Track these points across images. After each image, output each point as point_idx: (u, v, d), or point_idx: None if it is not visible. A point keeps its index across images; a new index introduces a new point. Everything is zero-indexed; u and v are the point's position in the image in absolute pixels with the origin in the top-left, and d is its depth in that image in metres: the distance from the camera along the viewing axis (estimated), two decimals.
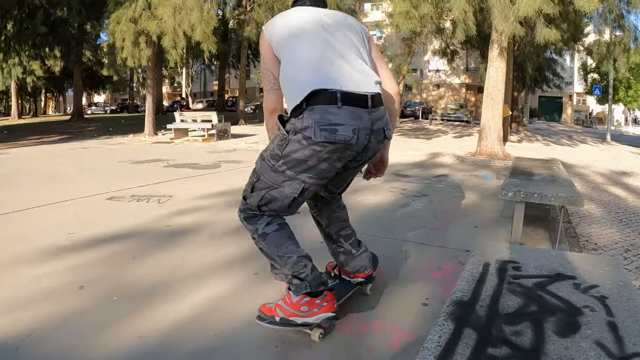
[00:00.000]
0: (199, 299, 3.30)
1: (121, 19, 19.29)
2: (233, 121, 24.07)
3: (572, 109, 60.72)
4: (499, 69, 12.87)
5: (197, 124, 19.30)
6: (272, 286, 3.49)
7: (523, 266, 2.17)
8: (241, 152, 13.65)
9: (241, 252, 4.27)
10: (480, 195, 7.47)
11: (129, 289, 3.46)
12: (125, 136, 21.77)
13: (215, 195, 6.96)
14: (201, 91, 77.56)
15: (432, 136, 21.42)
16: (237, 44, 39.24)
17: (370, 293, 3.38)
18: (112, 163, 11.35)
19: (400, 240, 4.66)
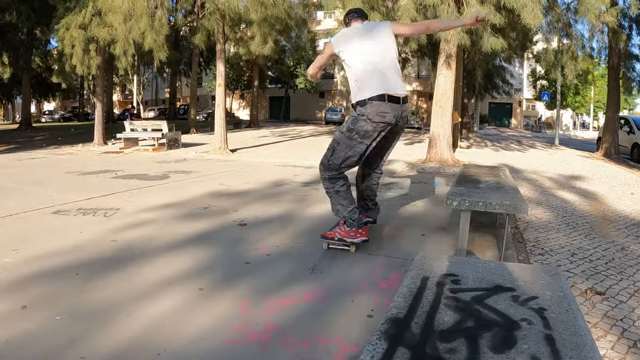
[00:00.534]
0: (144, 317, 3.23)
1: (70, 25, 18.97)
2: (184, 130, 23.90)
3: (522, 115, 61.82)
4: (448, 77, 13.03)
5: (148, 133, 19.06)
6: (217, 302, 3.45)
7: (462, 279, 2.16)
8: (191, 162, 13.51)
9: (186, 267, 4.22)
10: (429, 202, 7.53)
11: (72, 308, 3.38)
12: (74, 146, 21.40)
13: (162, 207, 6.85)
14: (153, 99, 76.80)
15: None
16: (189, 52, 39.00)
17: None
18: (60, 174, 11.11)
19: (347, 251, 4.66)
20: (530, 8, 11.16)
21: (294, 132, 29.31)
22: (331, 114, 45.58)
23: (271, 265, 4.21)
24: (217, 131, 16.59)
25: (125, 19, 15.81)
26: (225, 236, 5.22)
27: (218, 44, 16.59)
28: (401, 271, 4.09)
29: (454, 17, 11.58)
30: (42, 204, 7.14)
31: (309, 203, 7.14)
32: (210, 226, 5.64)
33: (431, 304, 1.87)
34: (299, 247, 4.81)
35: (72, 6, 19.77)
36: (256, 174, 10.56)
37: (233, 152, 16.23)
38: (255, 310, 3.31)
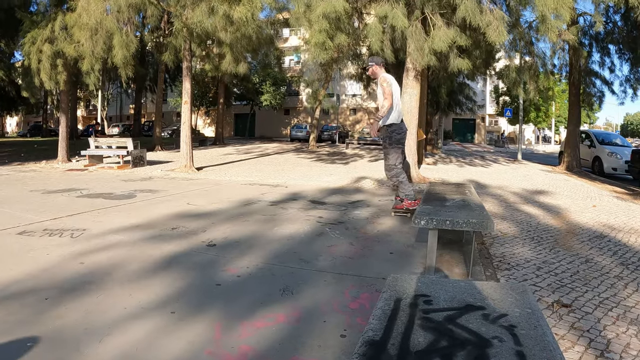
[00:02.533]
0: (117, 342, 3.20)
1: (37, 39, 18.78)
2: (149, 147, 23.73)
3: (485, 130, 62.61)
4: (413, 96, 13.16)
5: (112, 150, 18.88)
6: (190, 325, 3.44)
7: (434, 299, 2.21)
8: (157, 181, 13.39)
9: (157, 290, 4.19)
10: (395, 220, 7.59)
11: (43, 334, 3.32)
12: (37, 162, 21.09)
13: (130, 228, 6.78)
14: (117, 115, 76.20)
15: (348, 160, 21.60)
16: (155, 68, 38.79)
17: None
18: (23, 192, 10.94)
19: (317, 271, 4.68)
20: (495, 25, 11.36)
21: (259, 149, 29.26)
22: (296, 131, 45.41)
23: (242, 287, 4.20)
24: (182, 149, 16.49)
25: (91, 35, 15.70)
26: (194, 258, 5.19)
27: (185, 61, 16.54)
28: (371, 290, 4.12)
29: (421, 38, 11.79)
30: (7, 224, 7.03)
31: (277, 223, 7.13)
32: (179, 247, 5.61)
33: (405, 325, 1.91)
34: (269, 267, 4.79)
35: (39, 20, 19.59)
36: (223, 193, 10.50)
37: (199, 170, 16.13)
38: (229, 333, 3.31)
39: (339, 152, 28.23)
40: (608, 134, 24.68)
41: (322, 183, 12.35)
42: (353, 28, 14.55)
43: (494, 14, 11.55)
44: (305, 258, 5.11)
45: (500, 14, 11.56)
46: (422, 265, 4.91)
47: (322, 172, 15.90)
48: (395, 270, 4.65)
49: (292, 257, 5.15)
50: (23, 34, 20.10)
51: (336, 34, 12.61)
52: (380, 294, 3.79)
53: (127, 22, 16.29)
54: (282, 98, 52.29)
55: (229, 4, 13.50)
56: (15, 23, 26.92)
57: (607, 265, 5.30)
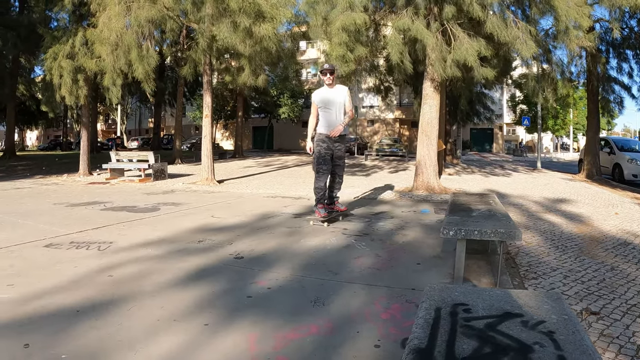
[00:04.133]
0: (152, 354, 3.22)
1: (58, 54, 19.00)
2: (169, 160, 23.89)
3: (503, 139, 62.37)
4: (433, 106, 13.15)
5: (134, 164, 19.04)
6: (224, 337, 3.45)
7: (472, 308, 2.23)
8: (179, 194, 13.47)
9: (189, 302, 4.20)
10: (420, 230, 7.57)
11: (76, 346, 3.35)
12: (59, 176, 21.30)
13: (156, 241, 6.82)
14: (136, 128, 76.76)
15: (369, 172, 21.56)
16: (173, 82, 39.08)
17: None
18: (48, 205, 11.04)
19: (346, 282, 4.68)
20: (523, 39, 11.39)
21: (279, 162, 29.31)
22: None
23: (273, 299, 4.22)
24: (204, 162, 16.58)
25: (112, 50, 15.88)
26: (223, 270, 5.21)
27: (205, 75, 16.65)
28: (401, 301, 4.12)
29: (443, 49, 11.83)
30: (33, 237, 7.11)
31: (302, 235, 7.15)
32: (208, 260, 5.63)
33: (448, 333, 1.94)
34: (298, 279, 4.80)
35: (60, 36, 19.80)
36: (246, 206, 10.52)
37: (220, 183, 16.20)
38: (264, 344, 3.31)
39: (358, 163, 28.18)
40: (627, 141, 24.55)
41: (344, 195, 12.29)
42: (370, 40, 14.60)
43: (519, 26, 11.57)
44: (333, 269, 5.12)
45: (525, 27, 11.57)
46: (450, 276, 4.90)
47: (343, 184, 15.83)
48: (424, 281, 4.64)
49: (320, 269, 5.15)
50: (44, 49, 20.37)
51: (356, 47, 12.67)
52: (410, 305, 3.87)
53: (147, 37, 16.44)
54: (300, 110, 52.37)
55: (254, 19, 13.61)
56: (36, 39, 27.33)
57: (633, 272, 5.28)
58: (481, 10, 11.35)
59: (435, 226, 7.85)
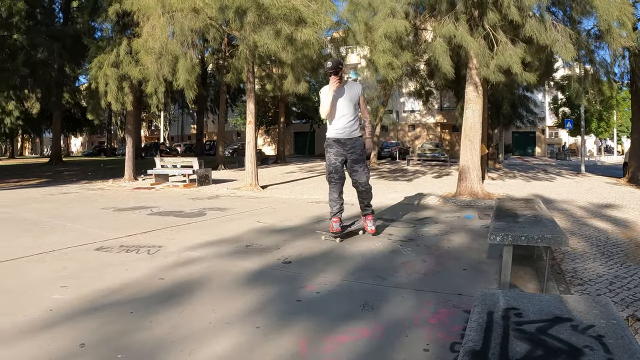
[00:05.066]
0: (206, 355, 3.29)
1: (103, 63, 19.43)
2: (212, 166, 24.11)
3: (545, 143, 61.54)
4: (476, 111, 13.10)
5: (178, 169, 19.32)
6: (276, 340, 3.51)
7: (523, 312, 2.28)
8: (224, 199, 13.62)
9: (240, 305, 4.28)
10: (464, 236, 7.56)
11: (132, 346, 3.45)
12: (105, 181, 21.68)
13: (204, 245, 6.93)
14: (179, 134, 77.69)
15: (411, 177, 21.47)
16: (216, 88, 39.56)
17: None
18: (95, 210, 11.29)
19: (393, 287, 4.72)
20: (562, 43, 11.31)
21: (320, 167, 29.33)
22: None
23: (322, 303, 4.28)
24: (247, 168, 16.73)
25: (157, 59, 16.17)
26: (272, 274, 5.28)
27: (248, 82, 16.80)
28: (449, 306, 4.14)
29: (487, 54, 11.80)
30: (84, 241, 7.30)
31: (348, 240, 7.18)
32: (256, 264, 5.71)
33: (501, 336, 1.99)
34: (347, 284, 4.85)
35: (104, 45, 20.24)
36: (291, 211, 10.59)
37: (264, 189, 16.33)
38: (315, 347, 3.37)
39: (400, 168, 28.10)
40: None
41: (388, 200, 12.34)
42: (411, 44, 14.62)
43: (558, 29, 11.48)
44: (380, 274, 5.15)
45: (564, 29, 11.48)
46: (496, 281, 4.91)
47: (386, 189, 15.88)
48: (470, 287, 4.65)
49: (367, 274, 5.19)
50: (89, 59, 20.85)
51: (400, 53, 12.71)
52: (457, 310, 3.91)
53: (190, 46, 16.70)
54: None
55: (295, 26, 13.73)
56: (81, 49, 28.08)
57: None
58: (519, 14, 11.30)
59: (479, 232, 7.84)
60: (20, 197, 15.09)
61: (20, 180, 24.18)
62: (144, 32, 16.20)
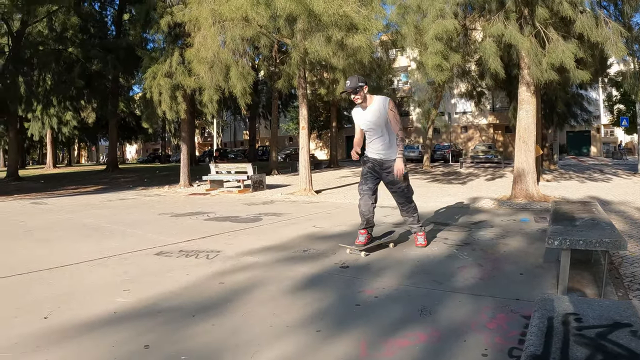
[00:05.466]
0: (266, 358, 3.36)
1: (157, 73, 19.87)
2: (266, 171, 24.33)
3: (600, 142, 60.18)
4: (529, 111, 12.94)
5: (232, 175, 19.56)
6: (336, 343, 3.56)
7: (583, 317, 2.31)
8: (279, 204, 13.77)
9: (300, 309, 4.35)
10: (521, 240, 7.48)
11: (194, 348, 3.56)
12: (160, 187, 22.12)
13: (262, 250, 7.05)
14: (231, 141, 78.53)
15: (465, 180, 21.29)
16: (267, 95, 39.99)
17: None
18: (153, 216, 11.55)
19: (450, 292, 4.73)
20: (613, 40, 11.13)
21: None
22: (408, 152, 44.49)
23: (381, 307, 4.32)
24: (301, 173, 16.86)
25: (210, 68, 16.44)
26: (330, 279, 5.35)
27: (300, 88, 16.91)
28: (506, 311, 4.14)
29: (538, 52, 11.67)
30: (143, 246, 7.54)
31: (405, 245, 7.21)
32: (314, 269, 5.79)
33: (562, 341, 2.03)
34: (404, 288, 4.88)
35: (157, 56, 20.70)
36: (346, 216, 10.63)
37: (318, 193, 16.39)
38: (374, 351, 3.40)
39: (453, 171, 27.87)
40: None
41: (442, 204, 12.29)
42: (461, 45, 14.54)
43: (610, 26, 11.30)
44: (437, 279, 5.17)
45: (616, 27, 11.29)
46: (553, 286, 4.88)
47: (440, 192, 15.82)
48: (527, 291, 4.62)
49: (424, 278, 5.22)
50: (143, 69, 21.38)
51: (450, 55, 12.67)
52: (515, 315, 3.93)
53: (242, 54, 16.93)
54: None
55: (346, 32, 13.81)
56: (134, 59, 28.98)
57: None
58: (571, 9, 11.16)
59: (536, 235, 7.76)
60: (79, 203, 15.53)
61: (78, 187, 24.83)
62: (195, 42, 16.51)
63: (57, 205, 15.43)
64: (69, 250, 7.48)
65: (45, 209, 14.33)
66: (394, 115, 6.57)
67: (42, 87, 35.19)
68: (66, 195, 19.86)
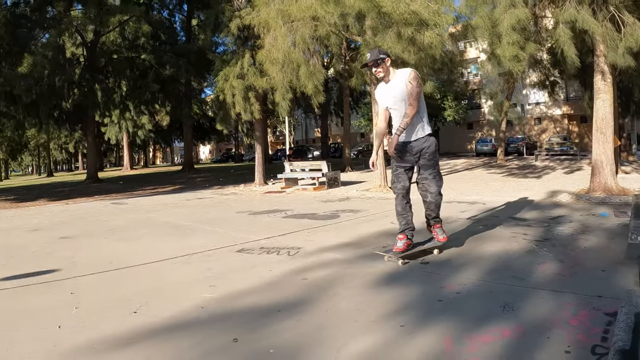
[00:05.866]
0: (354, 351, 3.44)
1: (229, 75, 20.28)
2: (340, 168, 24.46)
3: None
4: (606, 101, 12.63)
5: (307, 173, 19.79)
6: (420, 338, 3.62)
7: None
8: (355, 201, 13.88)
9: (383, 304, 4.44)
10: (601, 235, 7.36)
11: (281, 342, 3.68)
12: (236, 186, 22.56)
13: (341, 246, 7.15)
14: (303, 139, 79.01)
15: (540, 173, 20.90)
16: (338, 92, 40.19)
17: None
18: (231, 214, 11.85)
19: (532, 288, 4.71)
20: None
21: (447, 166, 29.05)
22: (482, 145, 44.02)
23: (463, 303, 4.35)
24: (376, 169, 16.96)
25: (281, 68, 16.69)
26: (411, 275, 5.40)
27: (373, 85, 16.94)
28: (589, 308, 4.10)
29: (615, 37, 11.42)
30: (224, 243, 7.78)
31: (483, 240, 7.18)
32: (395, 265, 5.84)
33: None
34: (485, 284, 4.90)
35: (228, 59, 21.13)
36: (423, 212, 10.42)
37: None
38: (459, 346, 3.45)
39: (528, 165, 27.34)
40: None
41: (519, 199, 12.16)
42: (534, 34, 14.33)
43: None
44: (518, 275, 5.15)
45: None
46: (636, 283, 4.74)
47: (516, 187, 15.67)
48: (609, 288, 4.57)
49: (505, 274, 5.22)
50: (215, 72, 21.92)
51: (526, 44, 12.52)
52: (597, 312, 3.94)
53: (313, 53, 17.12)
54: (464, 112, 51.78)
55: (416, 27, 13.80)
56: (205, 63, 29.87)
57: None
58: None
59: (616, 230, 7.61)
60: (158, 203, 16.05)
61: (156, 187, 25.58)
62: (266, 43, 16.81)
63: (137, 205, 15.98)
64: (152, 247, 7.82)
65: (125, 208, 14.88)
66: (412, 88, 5.80)
67: (118, 93, 36.46)
68: (144, 196, 20.51)
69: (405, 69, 6.06)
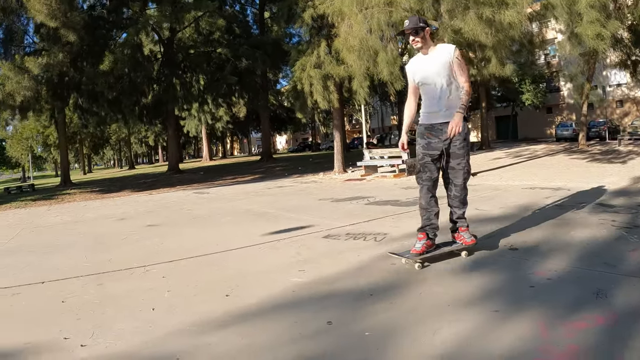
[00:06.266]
0: (449, 335, 3.51)
1: (305, 65, 20.48)
2: None
3: None
4: None
5: (386, 160, 19.83)
6: (515, 323, 3.65)
7: None
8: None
9: (473, 289, 4.48)
10: None
11: (375, 325, 3.78)
12: (315, 174, 22.81)
13: None
14: (379, 126, 78.84)
15: (625, 159, 20.19)
16: None
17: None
18: (313, 201, 12.05)
19: (624, 275, 4.64)
20: None
21: (527, 152, 28.47)
22: (562, 130, 42.75)
23: (554, 289, 4.34)
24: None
25: (358, 55, 16.75)
26: (500, 261, 5.41)
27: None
28: None
29: None
30: (310, 230, 7.97)
31: (571, 226, 7.04)
32: (482, 251, 5.86)
33: None
34: (575, 271, 4.86)
35: (304, 49, 21.34)
36: (506, 198, 10.47)
37: (474, 176, 16.26)
38: (553, 331, 3.46)
39: (611, 150, 26.43)
40: None
41: (604, 184, 11.89)
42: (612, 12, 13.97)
43: None
44: (609, 262, 5.07)
45: None
46: None
47: (600, 172, 15.27)
48: None
49: (595, 261, 5.15)
50: (292, 62, 22.19)
51: (608, 22, 12.23)
52: None
53: (389, 39, 17.12)
54: (543, 96, 50.55)
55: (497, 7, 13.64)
56: (280, 54, 30.34)
57: None
58: None
59: None
60: (240, 191, 16.44)
61: (235, 177, 26.15)
62: (341, 31, 16.92)
63: (219, 194, 16.43)
64: (238, 234, 8.10)
65: (208, 197, 15.33)
66: (460, 65, 5.33)
67: (196, 87, 37.34)
68: (225, 185, 21.02)
69: (448, 44, 5.56)
